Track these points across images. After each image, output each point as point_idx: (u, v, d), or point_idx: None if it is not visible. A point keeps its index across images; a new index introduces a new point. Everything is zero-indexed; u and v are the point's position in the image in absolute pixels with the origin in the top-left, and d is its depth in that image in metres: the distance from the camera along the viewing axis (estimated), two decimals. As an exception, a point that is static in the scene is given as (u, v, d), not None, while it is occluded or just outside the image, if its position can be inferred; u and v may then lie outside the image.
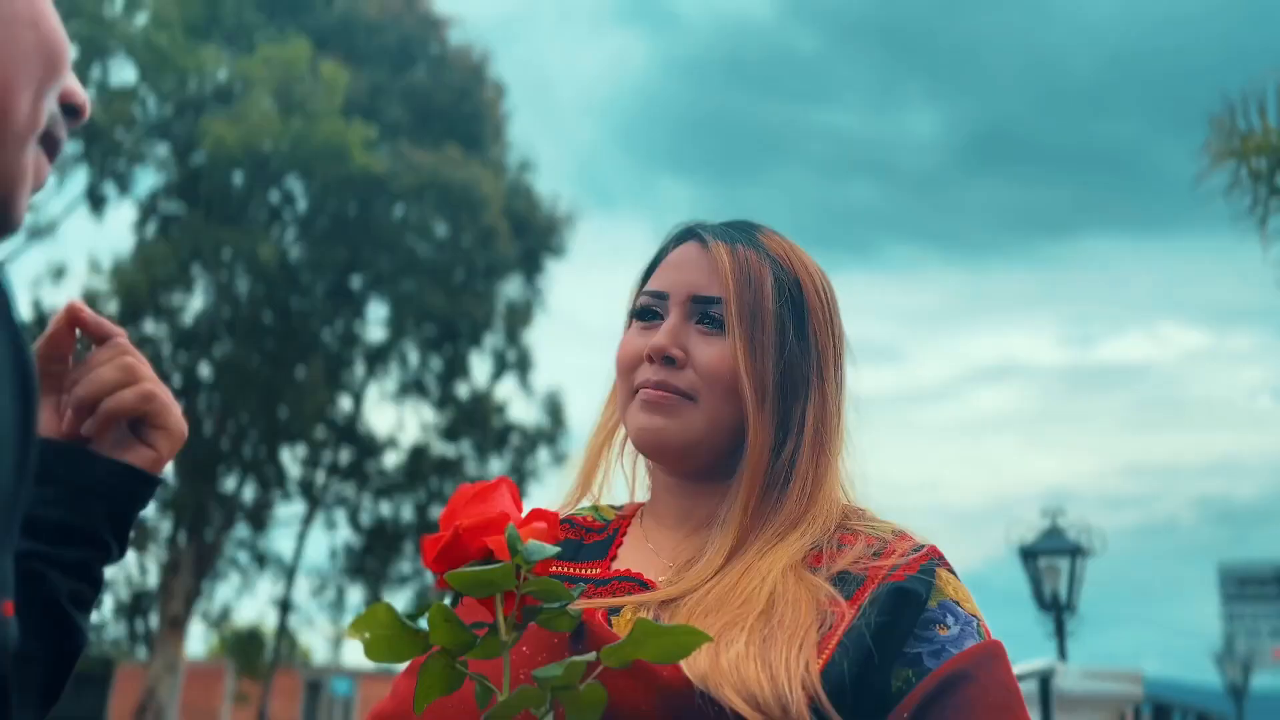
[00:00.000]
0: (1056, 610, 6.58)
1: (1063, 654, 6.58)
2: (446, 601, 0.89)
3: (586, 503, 1.14)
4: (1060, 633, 6.56)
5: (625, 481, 1.14)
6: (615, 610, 0.95)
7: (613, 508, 1.15)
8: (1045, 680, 3.21)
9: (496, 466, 17.23)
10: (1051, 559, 6.73)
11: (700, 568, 0.97)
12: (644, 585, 1.00)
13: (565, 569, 1.05)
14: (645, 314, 1.06)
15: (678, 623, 0.87)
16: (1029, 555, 6.82)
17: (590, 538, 1.10)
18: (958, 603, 0.94)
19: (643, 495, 1.13)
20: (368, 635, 0.77)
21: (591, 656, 0.76)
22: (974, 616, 0.94)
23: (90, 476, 0.86)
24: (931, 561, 0.96)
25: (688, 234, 1.08)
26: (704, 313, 1.03)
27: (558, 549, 0.80)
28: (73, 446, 0.87)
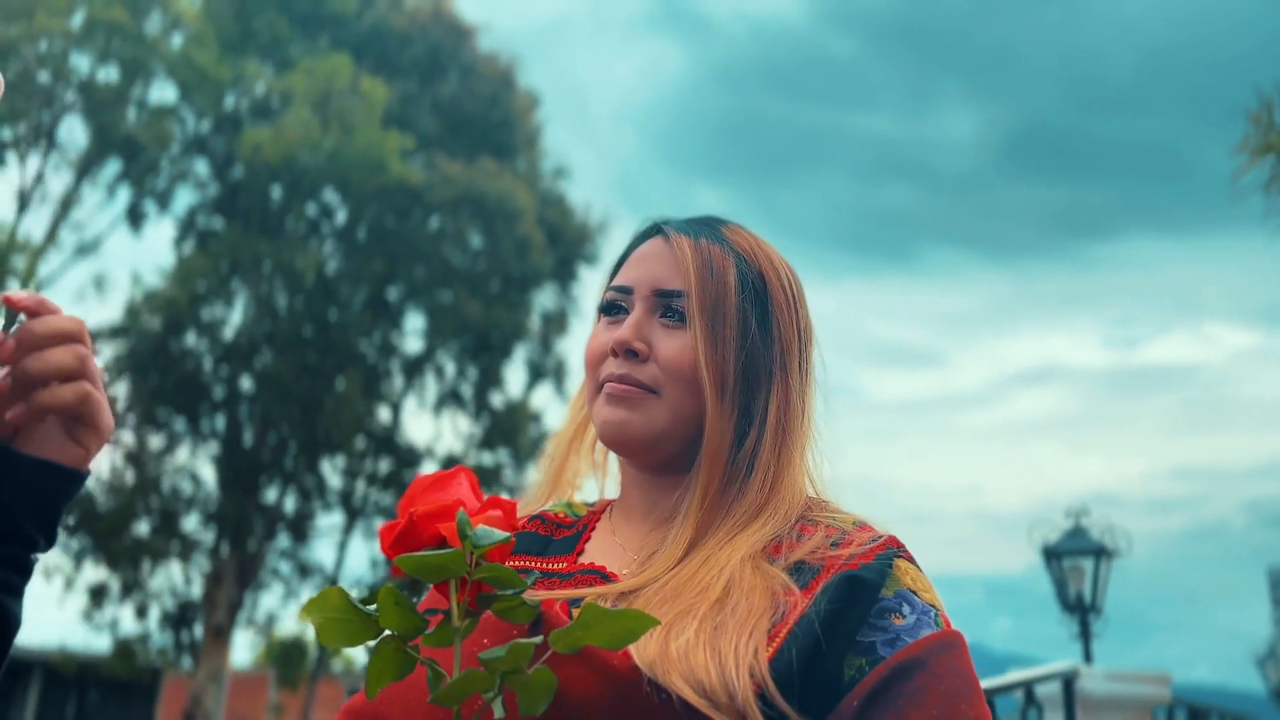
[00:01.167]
0: (1081, 611, 6.47)
1: (1088, 656, 6.48)
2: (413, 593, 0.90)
3: (560, 500, 1.16)
4: (1085, 634, 6.45)
5: (595, 477, 1.15)
6: (575, 602, 0.96)
7: (586, 504, 1.16)
8: (1069, 682, 3.16)
9: (534, 475, 17.27)
10: (1075, 559, 6.62)
11: (660, 559, 0.97)
12: (607, 578, 1.00)
13: (533, 564, 1.06)
14: (611, 309, 1.07)
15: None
16: (1052, 556, 6.72)
17: (560, 533, 1.11)
18: (915, 592, 0.93)
19: (613, 491, 1.14)
20: (320, 619, 0.79)
21: (539, 639, 0.78)
22: (932, 606, 0.93)
23: (15, 477, 0.84)
24: (889, 551, 0.95)
25: (653, 230, 1.09)
26: (667, 306, 1.04)
27: (508, 535, 0.81)
28: None
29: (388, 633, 0.80)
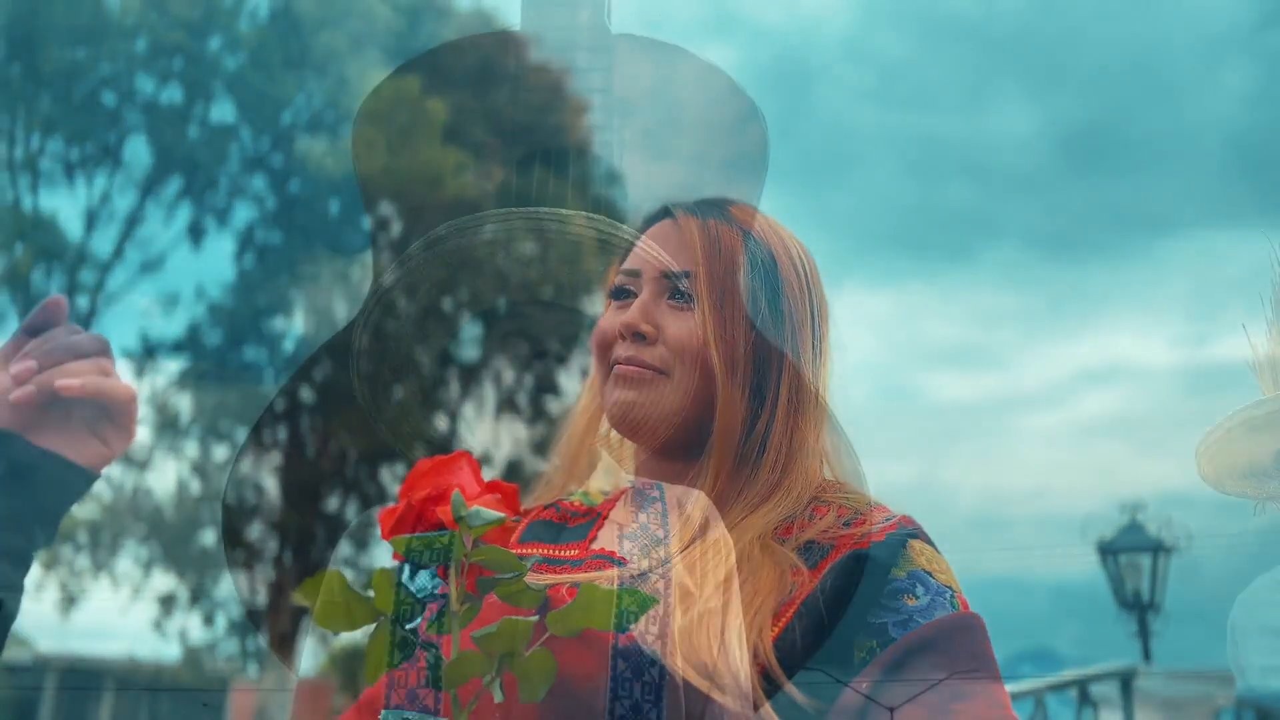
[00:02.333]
0: (1139, 610, 6.28)
1: (1146, 654, 6.29)
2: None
3: (576, 488, 1.14)
4: (1144, 633, 6.25)
5: (610, 465, 1.14)
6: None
7: (602, 492, 1.14)
8: (1126, 681, 3.08)
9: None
10: (1132, 556, 6.43)
11: (671, 543, 0.96)
12: (618, 564, 0.99)
13: (545, 551, 1.05)
14: (620, 293, 1.06)
15: None
16: (1107, 552, 6.52)
17: (574, 521, 1.09)
18: (930, 573, 0.90)
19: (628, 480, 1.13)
20: (316, 602, 0.78)
21: (534, 618, 0.76)
22: (948, 588, 0.89)
23: (23, 466, 0.85)
24: (902, 530, 0.92)
25: (661, 212, 1.08)
26: (674, 288, 1.02)
27: (504, 517, 0.80)
28: (8, 434, 0.86)
29: (385, 617, 0.79)
